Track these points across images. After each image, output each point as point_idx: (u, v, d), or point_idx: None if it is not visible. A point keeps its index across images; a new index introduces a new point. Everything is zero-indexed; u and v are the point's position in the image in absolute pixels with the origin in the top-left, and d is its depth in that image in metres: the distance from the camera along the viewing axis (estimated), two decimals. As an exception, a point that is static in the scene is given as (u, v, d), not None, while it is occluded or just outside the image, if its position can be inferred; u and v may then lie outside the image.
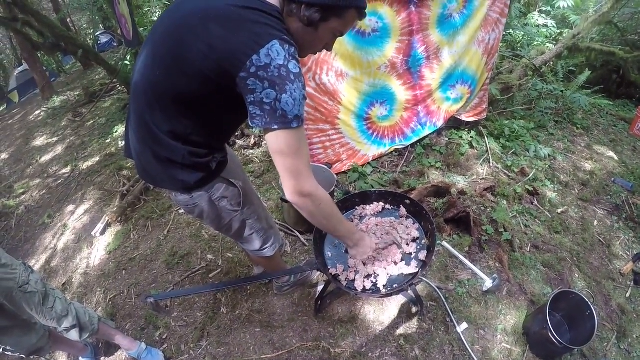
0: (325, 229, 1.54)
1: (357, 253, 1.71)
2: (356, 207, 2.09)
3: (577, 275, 2.58)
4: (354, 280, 1.76)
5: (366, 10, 1.28)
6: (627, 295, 2.51)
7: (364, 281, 1.76)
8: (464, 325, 2.16)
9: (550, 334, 1.88)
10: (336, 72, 2.86)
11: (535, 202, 3.10)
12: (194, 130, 1.26)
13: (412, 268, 1.78)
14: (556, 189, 3.29)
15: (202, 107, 1.21)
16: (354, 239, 1.64)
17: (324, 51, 1.41)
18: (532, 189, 3.14)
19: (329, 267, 1.84)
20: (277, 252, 1.92)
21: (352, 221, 2.03)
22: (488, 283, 2.33)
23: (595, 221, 3.04)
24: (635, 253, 2.75)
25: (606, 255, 2.77)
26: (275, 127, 1.11)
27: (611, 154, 3.95)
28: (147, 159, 1.35)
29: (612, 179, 3.48)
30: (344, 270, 1.81)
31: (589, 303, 2.00)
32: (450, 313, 2.18)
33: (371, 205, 2.09)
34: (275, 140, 1.15)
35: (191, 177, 1.35)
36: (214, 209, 1.51)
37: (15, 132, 7.58)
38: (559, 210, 3.06)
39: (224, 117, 1.29)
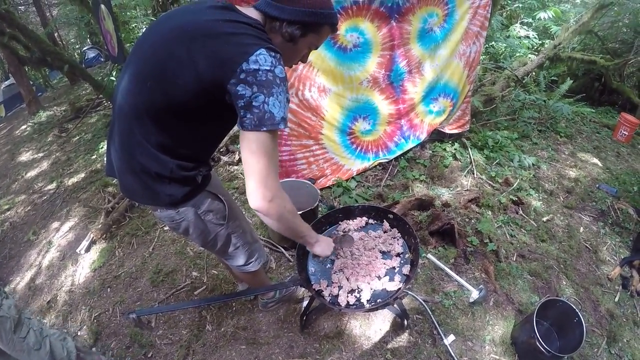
0: (290, 230, 1.48)
1: (322, 249, 1.69)
2: (339, 222, 2.09)
3: (564, 283, 2.59)
4: (337, 296, 1.76)
5: (348, 26, 1.39)
6: (616, 299, 2.53)
7: (347, 296, 1.75)
8: (451, 338, 2.15)
9: (538, 343, 1.87)
10: (318, 88, 2.88)
11: (520, 212, 3.13)
12: (182, 143, 1.30)
13: (396, 282, 1.78)
14: (541, 198, 3.32)
15: (192, 118, 1.25)
16: (313, 237, 1.63)
17: (307, 67, 1.49)
18: (517, 198, 3.17)
19: (312, 283, 1.83)
20: (261, 267, 1.91)
21: (336, 237, 2.03)
22: (474, 294, 2.33)
23: (581, 228, 3.07)
24: (623, 257, 2.78)
25: (593, 261, 2.79)
26: (265, 128, 1.15)
27: (595, 160, 4.01)
28: (132, 177, 1.36)
29: (597, 185, 3.52)
30: (327, 286, 1.80)
31: (577, 310, 2.01)
32: (437, 325, 2.17)
33: (354, 220, 2.09)
34: (256, 142, 1.17)
35: (178, 191, 1.37)
36: (200, 224, 1.52)
37: (1, 147, 7.47)
38: (545, 219, 3.08)
39: (213, 128, 1.34)
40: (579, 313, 1.99)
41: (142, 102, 1.23)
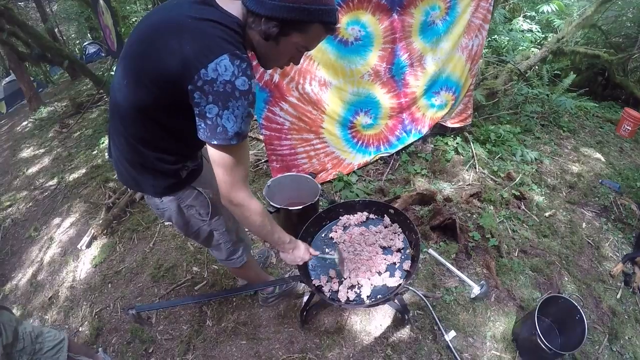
0: (258, 235, 1.57)
1: (285, 258, 1.69)
2: (340, 217, 2.08)
3: (566, 279, 2.57)
4: (337, 291, 1.75)
5: (349, 19, 1.29)
6: (618, 296, 2.51)
7: (347, 292, 1.75)
8: (452, 333, 2.14)
9: (539, 340, 1.86)
10: (319, 82, 2.85)
11: (523, 207, 3.10)
12: (161, 138, 1.29)
13: (397, 278, 1.77)
14: (543, 193, 3.30)
15: (164, 116, 1.23)
16: (285, 248, 1.63)
17: (307, 61, 1.43)
18: (519, 193, 3.15)
19: (312, 278, 1.82)
20: (247, 264, 1.90)
21: (336, 232, 2.02)
22: (476, 290, 2.32)
23: (584, 223, 3.05)
24: (625, 254, 2.76)
25: (595, 257, 2.77)
26: (215, 142, 1.14)
27: (598, 155, 3.98)
28: (123, 163, 1.41)
29: (600, 181, 3.50)
30: (327, 281, 1.79)
31: (578, 307, 1.99)
32: (438, 321, 2.15)
33: (355, 215, 2.08)
34: (214, 153, 1.19)
35: (161, 183, 1.40)
36: (182, 216, 1.54)
37: (2, 144, 7.48)
38: (547, 214, 3.06)
39: (188, 125, 1.28)
40: (581, 310, 1.97)
41: (122, 97, 1.24)
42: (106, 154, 4.80)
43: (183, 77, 1.07)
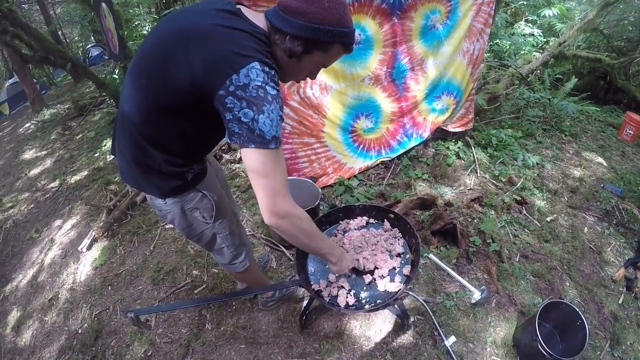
0: (307, 248, 1.53)
1: (340, 268, 1.68)
2: (340, 222, 2.07)
3: (568, 284, 2.56)
4: (337, 296, 1.74)
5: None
6: (620, 301, 2.49)
7: (347, 297, 1.73)
8: (452, 339, 2.13)
9: (540, 346, 1.85)
10: (320, 85, 2.86)
11: (524, 211, 3.09)
12: (173, 141, 1.29)
13: (396, 283, 1.76)
14: (545, 197, 3.29)
15: (183, 120, 1.23)
16: (336, 255, 1.62)
17: None
18: (521, 198, 3.14)
19: (312, 283, 1.81)
20: (253, 268, 1.91)
21: (336, 236, 2.01)
22: (476, 295, 2.30)
23: (586, 228, 3.03)
24: (627, 259, 2.75)
25: (597, 262, 2.75)
26: (253, 146, 1.12)
27: (600, 159, 3.97)
28: (128, 162, 1.38)
29: (602, 185, 3.48)
30: (326, 286, 1.78)
31: (580, 312, 1.98)
32: (438, 327, 2.15)
33: (355, 219, 2.07)
34: (252, 159, 1.15)
35: (166, 185, 1.38)
36: (185, 218, 1.53)
37: (5, 145, 7.51)
38: (548, 219, 3.05)
39: (202, 130, 1.30)
40: (582, 315, 1.96)
41: (137, 97, 1.24)
42: (108, 155, 4.85)
43: (213, 83, 1.08)
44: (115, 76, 5.92)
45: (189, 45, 1.12)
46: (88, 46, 12.81)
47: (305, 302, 2.16)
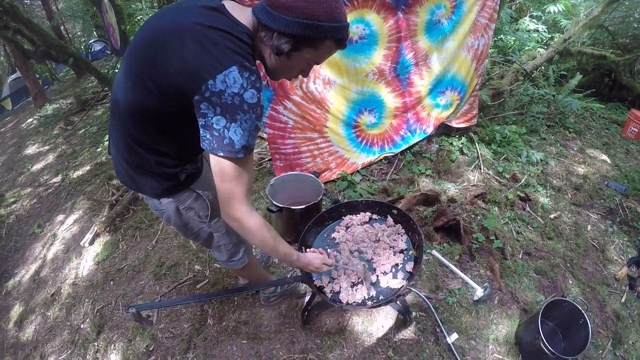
0: (266, 251, 1.48)
1: (305, 269, 1.68)
2: (343, 217, 2.07)
3: (570, 282, 2.54)
4: (339, 292, 1.73)
5: (354, 18, 1.26)
6: (622, 300, 2.48)
7: (349, 293, 1.73)
8: (454, 336, 2.12)
9: (542, 344, 1.84)
10: (323, 80, 2.83)
11: (527, 208, 3.08)
12: (162, 142, 1.27)
13: (399, 280, 1.76)
14: (548, 194, 3.27)
15: (167, 122, 1.21)
16: (294, 265, 1.60)
17: None
18: (524, 194, 3.12)
19: (314, 279, 1.81)
20: (249, 266, 1.90)
21: (338, 232, 2.00)
22: (479, 292, 2.29)
23: (589, 226, 3.02)
24: (630, 257, 2.73)
25: (600, 261, 2.74)
26: (221, 154, 1.11)
27: (604, 157, 3.94)
28: (121, 162, 1.39)
29: (605, 183, 3.46)
30: (329, 282, 1.78)
31: (582, 311, 1.97)
32: (440, 323, 2.14)
33: (358, 215, 2.07)
34: (218, 165, 1.16)
35: (159, 185, 1.38)
36: (181, 218, 1.53)
37: (8, 140, 7.55)
38: (552, 216, 3.03)
39: (191, 132, 1.27)
40: (585, 314, 1.95)
41: (124, 98, 1.22)
42: (112, 159, 4.86)
43: (189, 87, 1.05)
44: (117, 71, 5.92)
45: (170, 48, 1.09)
46: (90, 41, 12.81)
47: (307, 298, 2.16)
